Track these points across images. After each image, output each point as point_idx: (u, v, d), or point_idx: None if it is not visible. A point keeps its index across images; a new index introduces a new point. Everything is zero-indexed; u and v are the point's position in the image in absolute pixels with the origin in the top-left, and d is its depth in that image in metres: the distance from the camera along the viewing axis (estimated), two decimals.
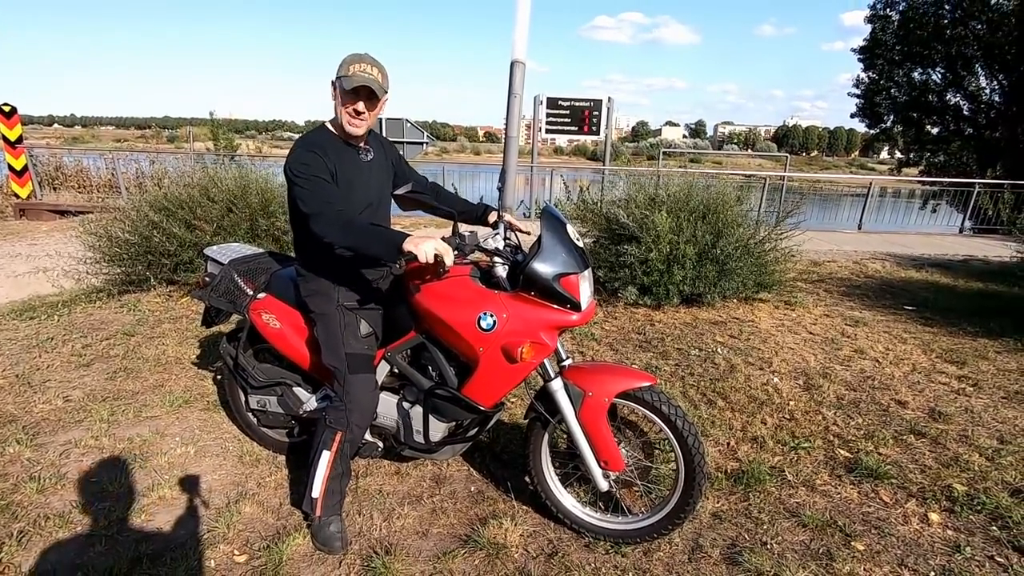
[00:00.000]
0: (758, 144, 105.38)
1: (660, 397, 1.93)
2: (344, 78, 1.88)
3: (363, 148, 2.08)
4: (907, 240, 9.88)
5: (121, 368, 3.39)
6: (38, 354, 3.56)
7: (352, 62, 1.90)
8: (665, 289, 4.79)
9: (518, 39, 5.45)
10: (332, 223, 1.79)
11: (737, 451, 2.74)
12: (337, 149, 1.98)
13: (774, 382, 3.52)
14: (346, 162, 1.99)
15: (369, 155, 2.09)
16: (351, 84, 1.87)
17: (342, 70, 1.90)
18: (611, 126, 12.52)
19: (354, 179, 2.01)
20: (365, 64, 1.90)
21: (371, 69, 1.91)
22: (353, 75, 1.88)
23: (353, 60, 1.90)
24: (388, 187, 2.19)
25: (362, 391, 1.98)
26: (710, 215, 4.92)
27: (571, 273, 1.83)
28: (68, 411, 2.88)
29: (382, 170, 2.15)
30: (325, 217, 1.80)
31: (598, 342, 4.13)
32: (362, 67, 1.90)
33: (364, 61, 1.91)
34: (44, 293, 4.91)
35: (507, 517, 2.17)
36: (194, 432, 2.73)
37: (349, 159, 2.01)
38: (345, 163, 1.98)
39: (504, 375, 1.90)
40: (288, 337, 2.22)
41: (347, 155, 2.01)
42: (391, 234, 1.76)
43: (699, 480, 1.93)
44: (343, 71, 1.89)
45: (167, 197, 4.57)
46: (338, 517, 2.05)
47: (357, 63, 1.90)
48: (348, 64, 1.90)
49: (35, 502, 2.18)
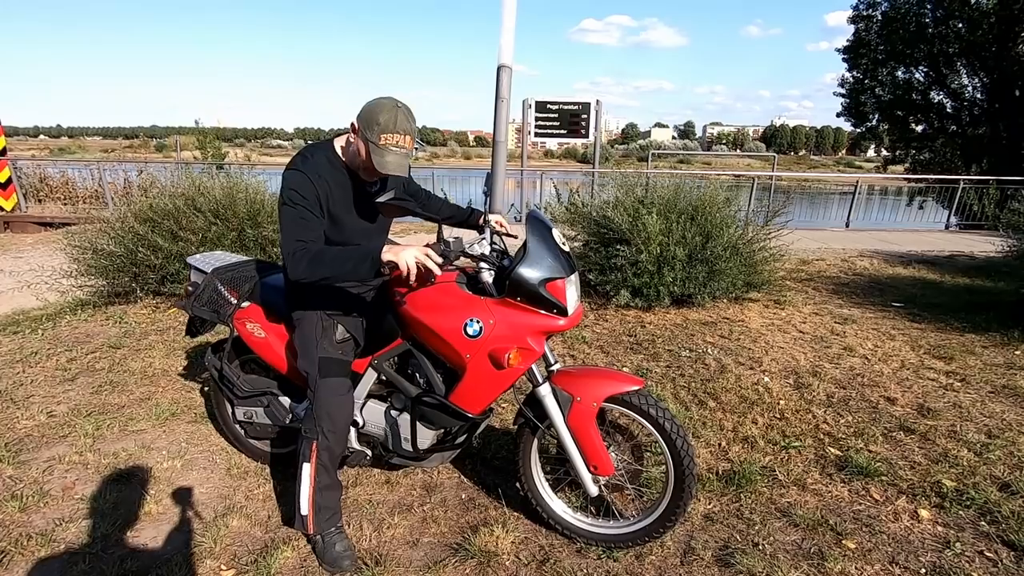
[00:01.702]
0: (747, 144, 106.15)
1: (648, 400, 1.92)
2: (375, 148, 1.72)
3: None
4: (894, 237, 9.97)
5: (107, 382, 3.35)
6: (22, 369, 3.51)
7: (386, 129, 1.70)
8: (656, 291, 4.80)
9: (504, 44, 5.47)
10: (298, 262, 1.69)
11: (728, 452, 2.74)
12: (338, 175, 1.89)
13: (764, 382, 3.53)
14: (345, 189, 1.91)
15: (375, 186, 2.00)
16: (383, 167, 1.73)
17: (373, 133, 1.71)
18: (600, 129, 12.57)
19: (353, 205, 1.94)
20: (399, 135, 1.72)
21: (405, 142, 1.75)
22: (384, 147, 1.72)
23: (387, 126, 1.70)
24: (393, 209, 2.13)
25: (332, 395, 1.94)
26: (699, 216, 4.94)
27: (557, 278, 1.83)
28: (52, 426, 2.83)
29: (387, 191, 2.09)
30: (294, 258, 1.70)
31: (589, 345, 4.12)
32: (395, 139, 1.72)
33: (399, 131, 1.72)
34: (28, 307, 4.85)
35: (498, 524, 2.16)
36: (181, 445, 2.70)
37: (350, 186, 1.92)
38: (343, 190, 1.90)
39: (491, 381, 1.89)
40: (273, 346, 2.20)
41: (347, 183, 1.92)
42: (364, 249, 1.71)
43: (688, 483, 1.92)
44: (374, 135, 1.71)
45: (152, 208, 4.53)
46: (341, 534, 1.99)
47: (392, 133, 1.71)
48: (381, 129, 1.70)
49: (17, 521, 2.14)
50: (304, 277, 1.72)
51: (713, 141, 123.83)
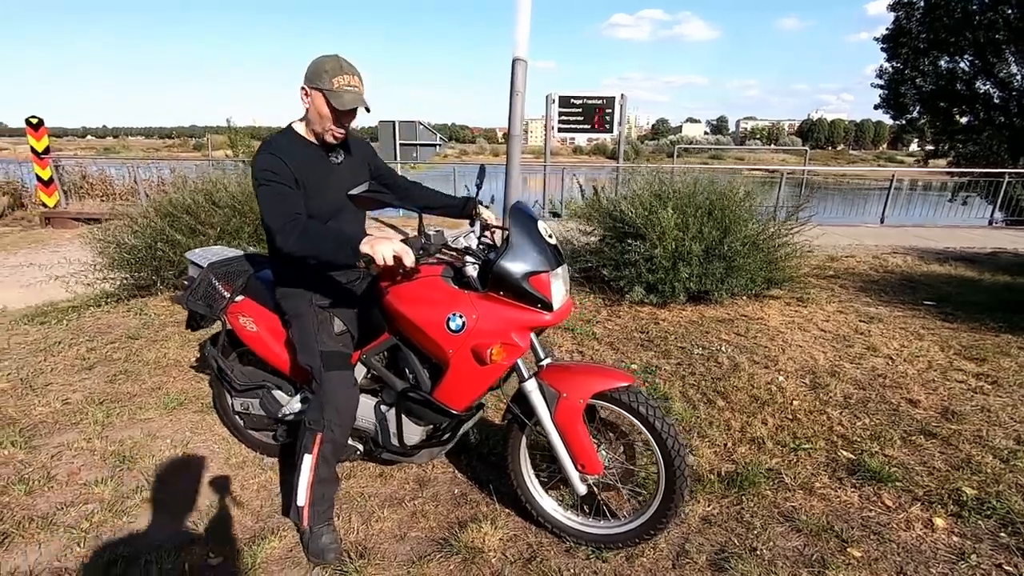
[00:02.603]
0: (781, 139, 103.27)
1: (638, 397, 1.86)
2: (330, 92, 1.79)
3: (334, 151, 2.02)
4: (932, 233, 9.54)
5: (121, 371, 3.44)
6: (44, 357, 3.64)
7: (335, 73, 1.79)
8: (671, 287, 4.69)
9: (520, 37, 5.42)
10: (289, 234, 1.73)
11: (734, 453, 2.64)
12: (305, 153, 1.92)
13: (778, 381, 3.41)
14: (314, 166, 1.93)
15: (339, 157, 2.03)
16: (344, 104, 1.79)
17: (323, 81, 1.78)
18: (624, 123, 12.39)
19: (323, 182, 1.95)
20: (348, 76, 1.80)
21: (354, 81, 1.82)
22: (339, 90, 1.78)
23: (334, 71, 1.79)
24: None
25: (339, 388, 1.94)
26: (716, 211, 4.80)
27: (541, 271, 1.78)
28: (65, 413, 2.92)
29: (354, 171, 2.09)
30: (284, 231, 1.73)
31: (599, 341, 4.05)
32: (346, 80, 1.79)
33: (346, 72, 1.80)
34: (58, 298, 5.03)
35: (487, 521, 2.13)
36: (185, 434, 2.75)
37: (317, 163, 1.95)
38: (312, 167, 1.93)
39: (475, 377, 1.85)
40: (265, 340, 2.21)
41: (315, 159, 1.95)
42: (346, 236, 1.71)
43: (680, 484, 1.85)
44: (324, 83, 1.78)
45: (172, 203, 4.64)
46: (330, 527, 1.99)
47: (340, 75, 1.79)
48: (331, 75, 1.78)
49: (22, 504, 2.21)
50: (294, 250, 1.75)
51: (746, 136, 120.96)
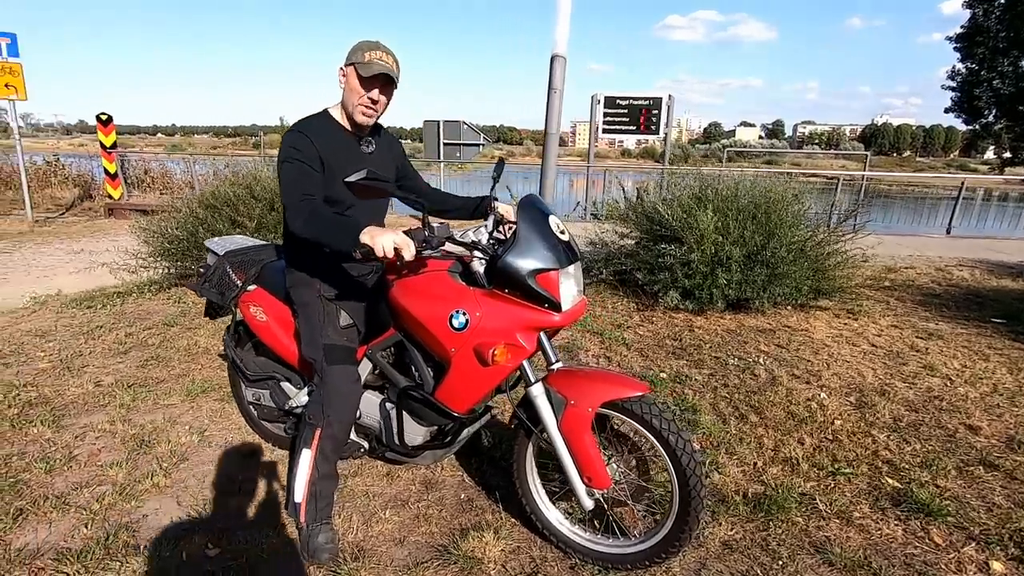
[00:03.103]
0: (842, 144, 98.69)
1: (652, 409, 1.72)
2: (361, 64, 1.80)
3: (365, 139, 2.00)
4: (1005, 246, 8.82)
5: (153, 356, 3.53)
6: (85, 340, 3.78)
7: (367, 49, 1.82)
8: (708, 293, 4.47)
9: (559, 33, 5.31)
10: (299, 213, 1.72)
11: (764, 473, 2.45)
12: (335, 137, 1.91)
13: (820, 398, 3.16)
14: (343, 151, 1.91)
15: (371, 147, 2.01)
16: (370, 71, 1.79)
17: (356, 56, 1.82)
18: (671, 124, 12.06)
19: (349, 169, 1.87)
20: (381, 52, 1.83)
21: (387, 57, 1.84)
22: (371, 62, 1.81)
23: (368, 47, 1.83)
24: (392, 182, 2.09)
25: (341, 383, 1.89)
26: (760, 215, 4.55)
27: (549, 269, 1.67)
28: (96, 395, 3.01)
29: (383, 165, 2.05)
30: (295, 209, 1.74)
31: (628, 347, 3.89)
32: (379, 55, 1.82)
33: (379, 49, 1.83)
34: (108, 284, 5.25)
35: (491, 530, 2.03)
36: (203, 421, 2.77)
37: (347, 148, 1.93)
38: (341, 151, 1.90)
39: (477, 378, 1.76)
40: (274, 330, 2.19)
41: (345, 143, 1.93)
42: (352, 224, 1.66)
43: (695, 506, 1.70)
44: (358, 57, 1.81)
45: (214, 195, 4.77)
46: (327, 525, 1.93)
47: (373, 50, 1.82)
48: (363, 51, 1.82)
49: (41, 482, 2.27)
50: (300, 230, 1.73)
51: (804, 141, 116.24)
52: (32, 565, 1.82)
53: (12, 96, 8.81)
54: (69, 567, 1.81)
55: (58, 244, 7.65)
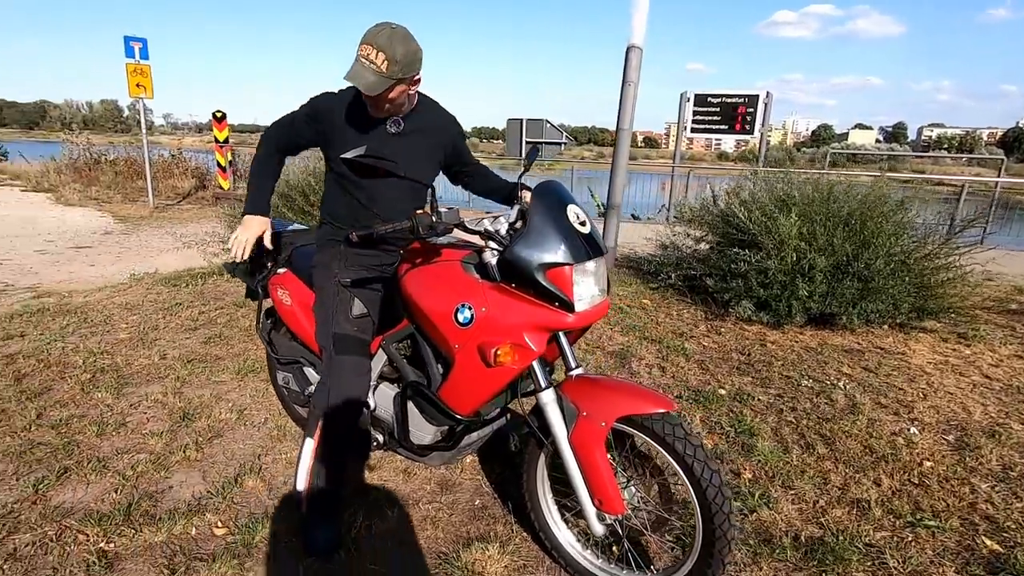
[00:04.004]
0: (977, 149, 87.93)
1: (675, 430, 1.50)
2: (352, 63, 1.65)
3: (393, 120, 1.89)
4: None
5: (217, 334, 3.72)
6: (163, 316, 4.07)
7: (363, 41, 1.62)
8: (787, 305, 4.04)
9: (636, 23, 5.03)
10: (258, 150, 1.96)
11: (824, 514, 2.12)
12: (356, 113, 1.83)
13: (910, 433, 2.72)
14: (361, 125, 1.84)
15: (398, 127, 1.90)
16: (345, 76, 1.63)
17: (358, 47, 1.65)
18: (767, 124, 11.24)
19: (364, 144, 1.83)
20: (371, 48, 1.60)
21: (376, 56, 1.60)
22: (356, 60, 1.62)
23: (366, 37, 1.62)
24: (425, 166, 1.97)
25: (347, 374, 1.83)
26: (854, 221, 4.04)
27: (562, 264, 1.50)
28: (158, 367, 3.20)
29: (417, 146, 1.94)
30: (259, 145, 1.94)
31: (687, 358, 3.59)
32: (366, 51, 1.61)
33: (372, 44, 1.60)
34: (196, 265, 5.67)
35: (497, 543, 1.89)
36: (245, 400, 2.86)
37: (365, 124, 1.85)
38: (359, 125, 1.84)
39: (479, 379, 1.62)
40: (298, 315, 2.18)
41: (366, 120, 1.85)
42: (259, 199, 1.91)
43: (720, 547, 1.47)
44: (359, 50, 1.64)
45: (288, 184, 4.98)
46: (329, 518, 1.87)
47: (364, 44, 1.61)
48: (361, 41, 1.63)
49: (90, 444, 2.41)
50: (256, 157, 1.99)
51: (930, 145, 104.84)
52: (61, 523, 1.92)
53: (142, 95, 9.82)
54: (90, 529, 1.89)
55: (169, 228, 8.40)
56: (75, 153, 13.09)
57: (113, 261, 5.95)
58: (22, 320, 3.90)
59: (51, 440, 2.42)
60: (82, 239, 7.11)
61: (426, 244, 1.82)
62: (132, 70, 9.52)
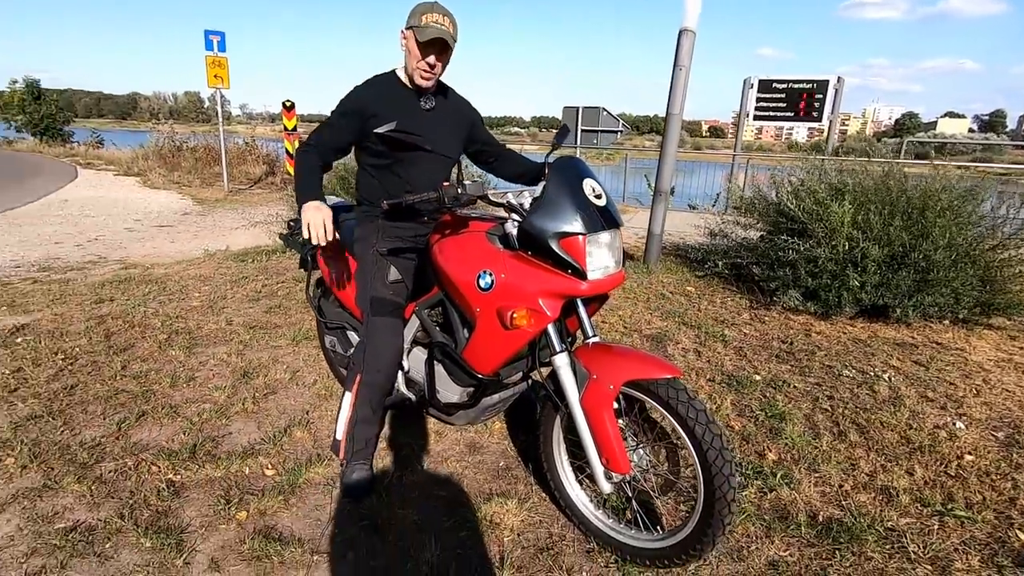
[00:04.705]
0: None
1: (680, 395, 1.57)
2: (417, 28, 1.86)
3: (426, 96, 2.07)
4: None
5: (276, 305, 4.03)
6: (230, 287, 4.43)
7: (424, 11, 1.87)
8: (837, 295, 3.92)
9: (690, 6, 4.96)
10: (303, 154, 1.95)
11: (847, 498, 2.11)
12: (395, 92, 2.01)
13: (955, 427, 2.63)
14: (400, 106, 2.00)
15: (430, 103, 2.07)
16: (426, 36, 1.85)
17: (414, 19, 1.88)
18: (838, 110, 10.67)
19: (403, 120, 1.97)
20: (437, 15, 1.87)
21: (443, 20, 1.88)
22: (427, 26, 1.86)
23: (425, 9, 1.88)
24: (452, 141, 2.16)
25: (381, 333, 2.00)
26: (913, 209, 3.86)
27: (576, 233, 1.59)
28: (224, 332, 3.52)
29: (445, 122, 2.11)
30: (304, 147, 1.97)
31: (726, 344, 3.56)
32: (435, 17, 1.87)
33: (436, 11, 1.88)
34: (263, 244, 6.09)
35: (516, 499, 2.02)
36: (298, 363, 3.11)
37: (405, 104, 2.02)
38: (399, 106, 1.99)
39: (498, 341, 1.74)
40: (342, 282, 2.37)
41: (403, 98, 2.02)
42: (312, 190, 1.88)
43: (720, 508, 1.52)
44: (415, 20, 1.87)
45: (346, 167, 5.26)
46: (364, 465, 2.05)
47: (429, 12, 1.87)
48: (420, 14, 1.87)
49: (164, 393, 2.72)
50: (296, 161, 2.00)
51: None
52: (138, 456, 2.21)
53: (219, 85, 10.51)
54: (161, 463, 2.16)
55: (241, 210, 9.00)
56: (160, 141, 14.15)
57: (190, 239, 6.47)
58: (112, 287, 4.36)
59: (132, 388, 2.75)
60: (164, 219, 7.76)
61: (456, 217, 1.96)
62: (211, 62, 10.19)
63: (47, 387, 2.73)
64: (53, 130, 21.16)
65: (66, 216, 7.65)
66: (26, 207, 8.23)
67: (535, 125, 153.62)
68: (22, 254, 5.43)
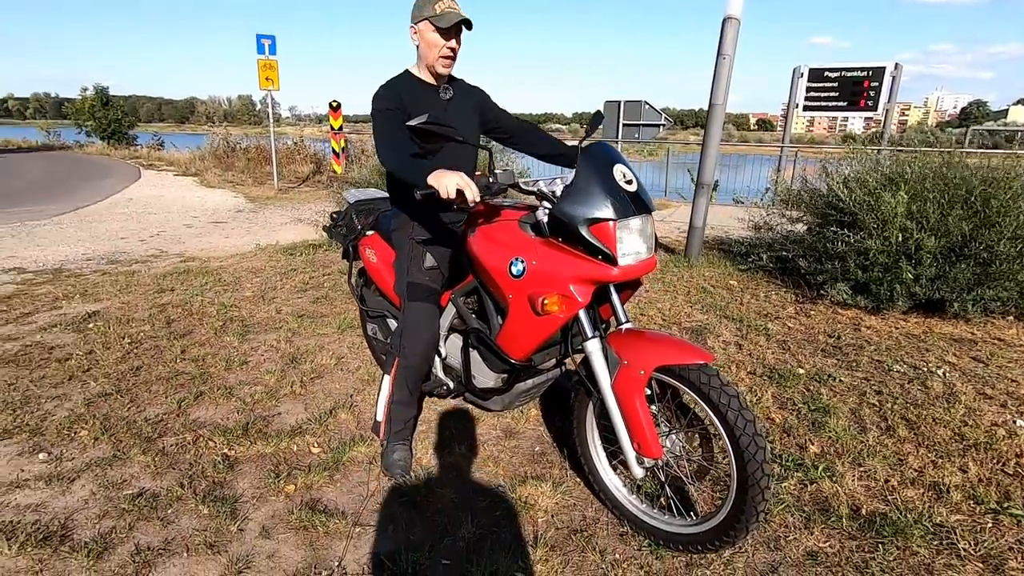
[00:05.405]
0: None
1: (711, 380, 1.56)
2: (435, 17, 1.90)
3: (443, 87, 2.11)
4: None
5: (323, 295, 4.19)
6: (280, 279, 4.63)
7: (434, 1, 1.90)
8: (889, 289, 3.77)
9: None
10: (387, 148, 1.89)
11: (894, 493, 2.04)
12: (415, 89, 2.06)
13: (1015, 425, 2.50)
14: (423, 100, 2.04)
15: (448, 93, 2.11)
16: (447, 22, 1.89)
17: (426, 11, 1.90)
18: (894, 98, 10.17)
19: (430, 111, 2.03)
20: (447, 1, 1.90)
21: (454, 4, 1.91)
22: (444, 13, 1.89)
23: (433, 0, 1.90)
24: (471, 128, 2.16)
25: (417, 319, 2.07)
26: (974, 199, 3.66)
27: (607, 219, 1.60)
28: (274, 320, 3.69)
29: (462, 110, 2.14)
30: (385, 147, 1.91)
31: (768, 338, 3.49)
32: (447, 3, 1.90)
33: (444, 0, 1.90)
34: (310, 239, 6.31)
35: (550, 482, 2.05)
36: (343, 350, 3.23)
37: (427, 97, 2.06)
38: (421, 100, 2.04)
39: (530, 327, 1.77)
40: (382, 272, 2.45)
41: (424, 93, 2.06)
42: (418, 171, 1.77)
43: (753, 495, 1.52)
44: (428, 12, 1.90)
45: (374, 167, 5.39)
46: (404, 445, 2.14)
47: (439, 1, 1.89)
48: (432, 4, 1.89)
49: (218, 375, 2.89)
50: (386, 162, 1.92)
51: None
52: (196, 432, 2.36)
53: (270, 87, 10.92)
54: (217, 439, 2.30)
55: (290, 207, 9.33)
56: (216, 143, 14.82)
57: (243, 234, 6.78)
58: (172, 278, 4.63)
59: (191, 370, 2.93)
60: (219, 216, 8.14)
61: (489, 206, 2.00)
62: (262, 65, 10.59)
63: (116, 368, 2.94)
64: (119, 134, 22.44)
65: (131, 213, 8.14)
66: (95, 205, 8.79)
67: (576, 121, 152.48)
68: (93, 248, 5.83)
